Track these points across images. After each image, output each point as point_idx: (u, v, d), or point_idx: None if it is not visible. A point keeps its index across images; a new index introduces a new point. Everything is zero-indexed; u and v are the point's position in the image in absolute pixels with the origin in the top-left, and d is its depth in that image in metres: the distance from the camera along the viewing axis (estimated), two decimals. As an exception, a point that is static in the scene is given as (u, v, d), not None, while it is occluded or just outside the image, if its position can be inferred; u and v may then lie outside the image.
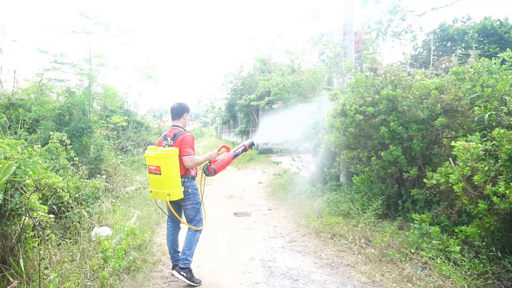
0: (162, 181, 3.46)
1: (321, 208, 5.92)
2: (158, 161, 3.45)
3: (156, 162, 3.47)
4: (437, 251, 3.60)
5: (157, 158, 3.47)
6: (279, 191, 7.96)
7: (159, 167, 3.45)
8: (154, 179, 3.56)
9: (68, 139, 8.20)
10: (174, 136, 3.63)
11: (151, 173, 3.58)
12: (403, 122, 4.66)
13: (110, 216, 5.52)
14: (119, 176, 9.02)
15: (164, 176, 3.43)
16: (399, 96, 4.56)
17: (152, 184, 3.61)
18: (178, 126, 3.78)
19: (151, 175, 3.58)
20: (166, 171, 3.42)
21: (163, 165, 3.43)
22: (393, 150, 4.58)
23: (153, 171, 3.52)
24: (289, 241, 4.83)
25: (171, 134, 3.68)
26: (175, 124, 3.80)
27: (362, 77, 5.25)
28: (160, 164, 3.44)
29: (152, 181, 3.61)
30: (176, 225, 3.88)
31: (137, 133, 15.85)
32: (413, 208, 4.93)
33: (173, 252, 3.81)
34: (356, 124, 4.96)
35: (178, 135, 3.62)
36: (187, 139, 3.58)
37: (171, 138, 3.64)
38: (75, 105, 8.29)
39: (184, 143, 3.55)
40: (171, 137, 3.65)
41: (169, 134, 3.71)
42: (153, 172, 3.52)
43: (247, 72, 18.22)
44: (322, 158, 7.88)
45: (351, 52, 7.28)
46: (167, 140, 3.67)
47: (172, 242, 3.82)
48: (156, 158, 3.47)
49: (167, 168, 3.42)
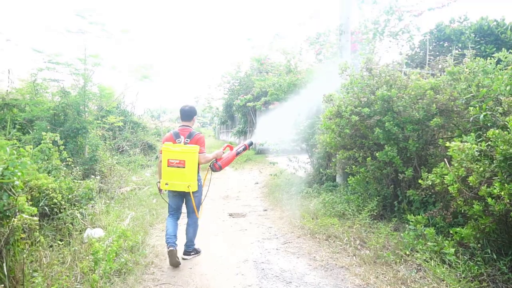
0: (184, 174, 3.90)
1: (317, 209, 5.88)
2: (184, 156, 3.90)
3: (182, 156, 3.90)
4: (432, 253, 3.56)
5: (183, 152, 3.91)
6: (275, 192, 7.92)
7: (183, 161, 3.89)
8: (175, 172, 3.92)
9: (63, 140, 8.19)
10: (189, 135, 4.09)
11: (171, 167, 3.92)
12: (398, 123, 4.62)
13: (104, 217, 5.47)
14: (115, 177, 8.95)
15: (187, 169, 3.89)
16: (394, 96, 4.53)
17: (171, 176, 3.94)
18: (188, 126, 4.22)
19: (172, 168, 3.92)
20: (190, 164, 3.89)
21: (188, 159, 3.89)
22: (388, 151, 4.54)
23: (176, 164, 3.91)
24: (283, 242, 4.79)
25: (184, 133, 4.11)
26: (186, 124, 4.23)
27: (357, 77, 5.21)
28: (186, 158, 3.89)
29: (171, 173, 3.94)
30: (178, 216, 4.31)
31: (134, 134, 15.78)
32: (409, 209, 4.89)
33: (173, 236, 4.11)
34: (352, 125, 4.93)
35: (193, 134, 4.09)
36: (203, 139, 4.13)
37: (186, 137, 4.08)
38: (70, 105, 8.22)
39: (200, 142, 4.07)
40: (186, 136, 4.08)
41: (182, 132, 4.13)
42: (175, 166, 3.91)
43: (245, 72, 18.17)
44: (319, 158, 7.85)
45: (347, 52, 7.25)
46: (181, 138, 4.09)
47: (174, 229, 4.16)
48: (182, 152, 3.91)
49: (191, 162, 3.90)
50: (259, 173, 11.45)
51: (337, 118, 5.03)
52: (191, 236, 4.25)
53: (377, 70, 4.88)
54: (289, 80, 8.43)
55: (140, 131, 16.32)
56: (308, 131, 7.80)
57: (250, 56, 11.37)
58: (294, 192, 7.47)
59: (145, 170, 11.87)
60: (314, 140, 7.46)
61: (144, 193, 8.00)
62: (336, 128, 5.05)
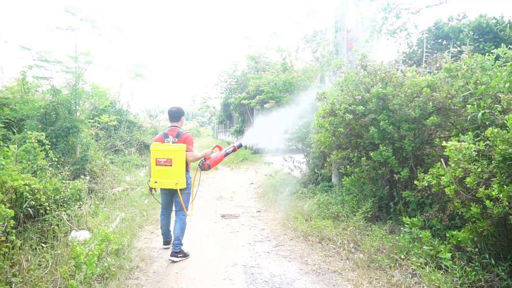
0: (171, 172, 4.03)
1: (311, 210, 5.73)
2: (171, 154, 4.03)
3: (168, 155, 4.04)
4: (428, 257, 3.41)
5: (169, 151, 4.05)
6: (270, 192, 7.77)
7: (170, 159, 4.02)
8: (162, 170, 4.06)
9: (54, 139, 8.04)
10: (177, 134, 4.23)
11: (159, 165, 4.06)
12: (393, 121, 4.47)
13: (91, 219, 5.31)
14: (107, 177, 8.79)
15: (174, 167, 4.02)
16: (389, 94, 4.37)
17: (159, 175, 4.08)
18: (177, 126, 4.37)
19: (160, 167, 4.06)
20: (177, 163, 4.03)
21: (174, 158, 4.02)
22: (383, 151, 4.39)
23: (163, 163, 4.05)
24: (275, 245, 4.64)
25: (173, 133, 4.26)
26: (174, 124, 4.38)
27: (351, 74, 5.06)
28: (172, 156, 4.02)
29: (159, 172, 4.07)
30: (169, 212, 4.51)
31: (129, 133, 15.60)
32: (405, 211, 4.75)
33: (167, 232, 4.52)
34: (346, 124, 4.78)
35: (181, 134, 4.24)
36: (190, 138, 4.27)
37: (174, 136, 4.22)
38: (61, 104, 8.06)
39: (188, 141, 4.21)
40: (174, 136, 4.23)
41: (170, 133, 4.28)
42: (163, 164, 4.05)
43: (242, 71, 18.01)
44: (314, 158, 7.70)
45: (343, 49, 7.10)
46: (169, 138, 4.23)
47: (167, 225, 4.50)
48: (169, 151, 4.05)
49: (177, 160, 4.03)
50: (254, 173, 11.30)
51: (331, 117, 4.88)
52: (178, 233, 4.24)
53: (372, 67, 4.73)
54: (285, 78, 8.28)
55: (135, 130, 16.15)
56: (304, 130, 7.65)
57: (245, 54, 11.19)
58: (289, 192, 7.32)
59: (140, 170, 11.72)
60: (309, 140, 7.31)
61: (136, 193, 7.84)
62: (329, 127, 4.90)
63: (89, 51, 8.30)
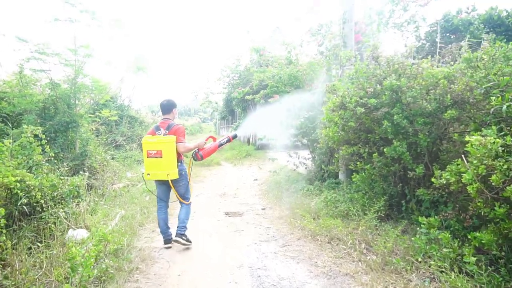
0: (162, 163, 4.11)
1: (318, 208, 5.50)
2: (160, 146, 4.11)
3: (158, 147, 4.12)
4: (448, 260, 3.18)
5: (159, 143, 4.12)
6: (275, 189, 7.54)
7: (160, 151, 4.10)
8: (154, 162, 4.15)
9: (53, 134, 7.83)
10: (168, 126, 4.28)
11: (150, 157, 4.15)
12: (407, 115, 4.23)
13: (90, 216, 5.11)
14: (107, 173, 8.60)
15: (164, 159, 4.09)
16: (404, 86, 4.13)
17: (151, 167, 4.19)
18: (169, 118, 4.43)
19: (151, 159, 4.16)
20: (166, 154, 4.09)
21: (164, 149, 4.09)
22: (397, 146, 4.15)
23: (154, 155, 4.13)
24: (282, 245, 4.42)
25: (164, 125, 4.32)
26: (166, 117, 4.45)
27: (362, 66, 4.81)
28: (162, 148, 4.10)
29: (151, 164, 4.17)
30: (166, 204, 4.52)
31: (131, 128, 15.39)
32: (418, 209, 4.53)
33: (165, 228, 4.44)
34: (357, 118, 4.54)
35: (172, 125, 4.28)
36: (181, 129, 4.29)
37: (165, 128, 4.28)
38: (60, 98, 7.84)
39: (178, 132, 4.23)
40: (165, 128, 4.29)
41: (162, 125, 4.34)
42: (153, 156, 4.13)
43: (244, 66, 17.72)
44: (320, 154, 7.47)
45: (351, 41, 6.84)
46: (161, 130, 4.30)
47: (165, 220, 4.45)
48: (158, 143, 4.12)
49: (167, 151, 4.09)
50: (258, 169, 11.08)
51: (341, 110, 4.64)
52: (183, 217, 4.39)
53: (385, 58, 4.48)
54: (290, 72, 8.03)
55: (137, 125, 15.94)
56: (309, 125, 7.41)
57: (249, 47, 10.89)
58: (294, 189, 7.10)
59: (141, 166, 11.49)
60: (315, 135, 7.07)
61: (137, 190, 7.63)
62: (339, 121, 4.66)
63: (89, 44, 8.07)
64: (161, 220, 4.44)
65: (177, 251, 4.31)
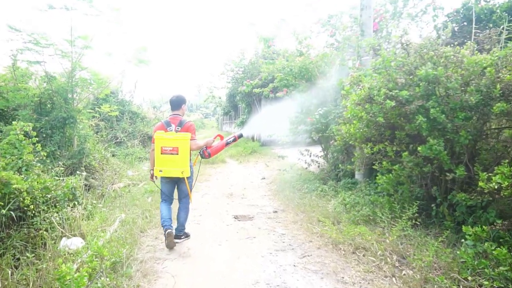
0: (177, 161, 4.03)
1: (337, 212, 5.02)
2: (177, 143, 4.02)
3: (175, 143, 4.02)
4: (504, 280, 2.69)
5: (176, 140, 4.03)
6: (286, 189, 7.05)
7: (177, 148, 4.01)
8: (168, 159, 4.04)
9: (49, 130, 7.35)
10: (180, 123, 4.21)
11: (165, 154, 4.04)
12: (444, 109, 3.72)
13: (87, 222, 4.64)
14: (107, 172, 8.13)
15: (180, 156, 4.02)
16: (441, 76, 3.61)
17: (165, 164, 4.06)
18: (178, 114, 4.34)
19: (166, 156, 4.04)
20: (183, 151, 4.03)
21: (181, 146, 4.02)
22: (433, 144, 3.64)
23: (169, 152, 4.03)
24: (301, 255, 3.93)
25: (175, 121, 4.23)
26: (176, 113, 4.35)
27: (389, 55, 4.30)
28: (179, 145, 4.02)
29: (165, 161, 4.05)
30: (170, 200, 4.40)
31: (132, 124, 14.91)
32: (450, 214, 4.05)
33: (168, 219, 4.24)
34: (385, 113, 4.02)
35: (184, 122, 4.21)
36: (193, 127, 4.27)
37: (177, 125, 4.20)
38: (56, 92, 7.35)
39: (191, 129, 4.19)
40: (177, 124, 4.20)
41: (172, 121, 4.24)
42: (169, 153, 4.03)
43: (249, 60, 17.19)
44: (335, 152, 6.97)
45: (369, 29, 6.31)
46: (172, 126, 4.20)
47: (168, 213, 4.29)
48: (175, 140, 4.03)
49: (183, 149, 4.03)
50: (265, 167, 10.59)
51: (367, 104, 4.13)
52: (182, 220, 4.34)
53: (417, 45, 3.96)
54: (301, 64, 7.50)
55: (139, 121, 15.46)
56: (322, 120, 6.90)
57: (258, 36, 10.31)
58: (307, 190, 6.61)
59: (143, 164, 11.03)
60: (331, 131, 6.56)
61: (139, 190, 7.16)
62: (365, 116, 4.14)
63: (87, 35, 7.58)
64: (164, 210, 4.32)
65: (183, 262, 3.83)
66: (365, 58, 6.28)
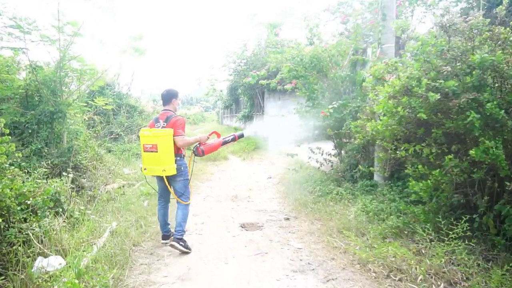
0: (158, 158, 3.83)
1: (359, 221, 4.37)
2: (155, 140, 3.82)
3: (153, 140, 3.83)
4: None
5: (154, 137, 3.83)
6: (296, 191, 6.39)
7: (155, 145, 3.80)
8: (149, 157, 3.89)
9: (35, 125, 6.68)
10: (166, 118, 4.00)
11: (146, 152, 3.91)
12: (500, 103, 3.05)
13: (72, 233, 3.99)
14: (100, 170, 7.47)
15: (160, 154, 3.80)
16: (500, 61, 2.94)
17: (147, 161, 3.93)
18: (169, 110, 4.14)
19: (147, 154, 3.91)
20: (163, 148, 3.80)
21: (160, 143, 3.80)
22: (489, 147, 2.97)
23: (149, 149, 3.85)
24: (324, 279, 3.28)
25: (163, 117, 4.05)
26: (166, 108, 4.16)
27: (429, 38, 3.60)
28: (157, 142, 3.80)
29: (147, 159, 3.93)
30: (167, 201, 4.25)
31: (130, 118, 14.22)
32: (495, 226, 3.41)
33: (164, 224, 4.21)
34: (426, 108, 3.34)
35: (170, 117, 3.99)
36: (180, 121, 3.98)
37: (164, 121, 4.00)
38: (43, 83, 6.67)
39: (177, 125, 3.94)
40: (164, 120, 4.01)
41: (161, 117, 4.07)
42: (149, 150, 3.86)
43: (252, 51, 16.44)
44: (351, 150, 6.32)
45: (392, 13, 5.61)
46: (160, 122, 4.02)
47: (164, 215, 4.21)
48: (153, 137, 3.84)
49: (163, 146, 3.80)
50: (271, 164, 9.94)
51: (404, 97, 3.44)
52: (179, 220, 4.06)
53: (467, 24, 3.27)
54: (312, 53, 6.80)
55: (137, 115, 14.76)
56: (336, 115, 6.23)
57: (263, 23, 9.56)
58: (321, 192, 5.95)
59: (140, 160, 10.35)
60: (347, 127, 5.90)
61: (134, 192, 6.51)
62: (402, 112, 3.46)
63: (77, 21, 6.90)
64: (161, 215, 4.21)
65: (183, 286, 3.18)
66: (387, 45, 5.59)
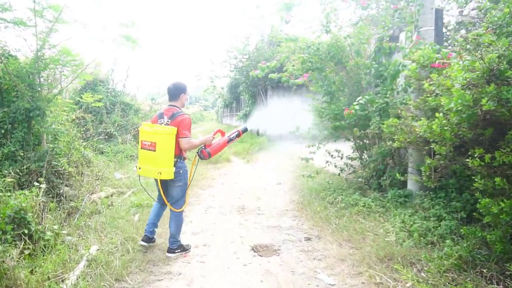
0: (155, 158, 3.51)
1: (405, 246, 3.45)
2: (155, 137, 3.50)
3: (153, 138, 3.51)
4: None
5: (154, 134, 3.51)
6: (314, 201, 5.46)
7: (154, 144, 3.49)
8: (146, 155, 3.58)
9: (9, 125, 5.76)
10: (172, 115, 3.64)
11: (143, 149, 3.60)
12: None
13: (34, 266, 3.06)
14: (87, 177, 6.54)
15: (158, 153, 3.49)
16: None
17: (143, 160, 3.63)
18: (175, 106, 3.78)
19: (144, 151, 3.60)
20: (162, 148, 3.48)
21: (159, 142, 3.48)
22: None
23: (147, 147, 3.54)
24: None
25: (168, 113, 3.69)
26: (172, 104, 3.79)
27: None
28: (157, 140, 3.48)
29: (143, 157, 3.63)
30: (164, 204, 3.85)
31: (124, 117, 13.26)
32: None
33: (152, 224, 3.87)
34: None
35: (176, 115, 3.64)
36: (186, 121, 3.62)
37: (169, 117, 3.64)
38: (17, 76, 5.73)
39: (183, 124, 3.58)
40: (169, 116, 3.65)
41: (166, 112, 3.71)
42: (147, 148, 3.55)
43: (254, 45, 15.51)
44: (377, 154, 5.40)
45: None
46: (164, 118, 3.67)
47: (156, 216, 3.91)
48: (153, 134, 3.52)
49: (163, 145, 3.48)
50: (278, 168, 9.01)
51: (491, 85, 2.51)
52: (173, 231, 3.75)
53: None
54: (330, 41, 5.88)
55: (132, 113, 13.81)
56: (360, 112, 5.31)
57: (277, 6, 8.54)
58: (344, 203, 5.02)
59: (135, 162, 9.40)
60: (376, 127, 4.99)
61: (124, 202, 5.57)
62: (487, 106, 2.52)
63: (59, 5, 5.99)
64: (153, 213, 3.91)
65: None
66: (426, 28, 4.68)
